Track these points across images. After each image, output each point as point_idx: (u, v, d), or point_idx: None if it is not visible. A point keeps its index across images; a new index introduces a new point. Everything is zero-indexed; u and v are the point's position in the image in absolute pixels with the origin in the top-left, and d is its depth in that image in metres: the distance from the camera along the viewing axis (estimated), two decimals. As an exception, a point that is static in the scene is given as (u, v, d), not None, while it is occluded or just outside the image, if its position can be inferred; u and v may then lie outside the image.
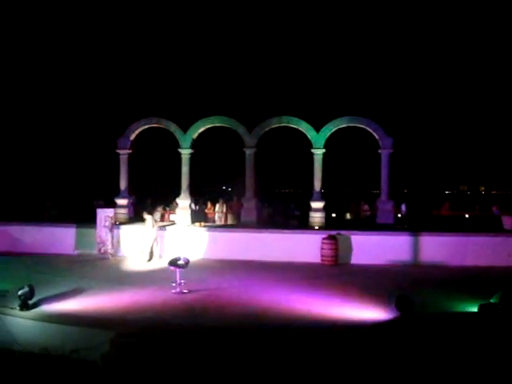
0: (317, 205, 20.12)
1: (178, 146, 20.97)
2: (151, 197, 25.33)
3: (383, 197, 20.43)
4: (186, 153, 20.91)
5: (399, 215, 23.09)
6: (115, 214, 19.42)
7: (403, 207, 24.22)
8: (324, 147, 20.26)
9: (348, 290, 13.51)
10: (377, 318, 10.78)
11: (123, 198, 21.13)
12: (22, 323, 10.37)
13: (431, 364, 8.95)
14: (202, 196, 24.68)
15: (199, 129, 21.12)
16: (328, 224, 20.03)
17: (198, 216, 20.96)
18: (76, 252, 18.82)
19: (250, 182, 20.82)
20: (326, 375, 8.73)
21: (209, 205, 22.64)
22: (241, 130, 20.83)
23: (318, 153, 20.28)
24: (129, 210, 21.26)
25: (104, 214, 18.41)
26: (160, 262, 17.10)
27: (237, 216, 21.29)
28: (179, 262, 13.33)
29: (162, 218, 22.01)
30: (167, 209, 23.08)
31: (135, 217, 21.51)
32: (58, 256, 18.23)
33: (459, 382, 8.60)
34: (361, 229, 18.91)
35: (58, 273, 15.43)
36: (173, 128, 21.06)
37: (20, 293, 10.92)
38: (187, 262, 13.41)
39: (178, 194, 21.06)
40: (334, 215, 24.19)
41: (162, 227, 18.97)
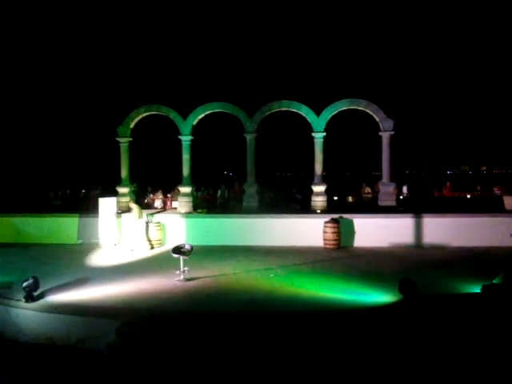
0: (318, 188, 20.11)
1: (179, 133, 20.91)
2: (152, 184, 25.27)
3: (385, 179, 20.38)
4: (186, 139, 20.84)
5: (401, 197, 23.07)
6: (117, 202, 19.44)
7: (405, 189, 24.21)
8: (324, 130, 20.18)
9: (351, 273, 13.57)
10: (380, 301, 10.83)
11: (124, 186, 21.14)
12: (28, 314, 10.44)
13: (435, 346, 9.00)
14: (204, 183, 24.67)
15: (199, 115, 21.03)
16: (330, 207, 20.04)
17: (200, 203, 20.98)
18: (80, 241, 18.89)
19: (251, 167, 20.78)
20: (330, 359, 8.78)
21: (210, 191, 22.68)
22: (241, 115, 20.74)
23: (319, 136, 20.21)
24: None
25: (107, 203, 18.42)
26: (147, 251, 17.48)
27: (239, 201, 21.29)
28: (183, 250, 13.37)
29: (165, 206, 22.02)
30: (169, 196, 23.10)
31: (137, 204, 21.57)
32: (62, 246, 18.31)
33: (462, 363, 8.64)
34: (363, 211, 18.91)
35: (62, 263, 15.50)
36: (172, 115, 20.98)
37: (25, 284, 10.96)
38: (190, 250, 13.45)
39: (179, 181, 21.05)
40: (335, 198, 24.16)
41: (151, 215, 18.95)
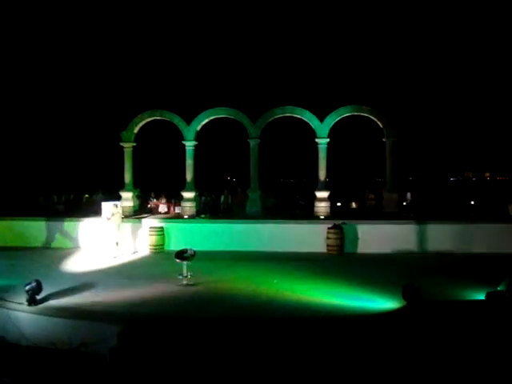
0: (322, 194, 20.09)
1: (182, 139, 20.94)
2: (155, 189, 25.28)
3: (388, 185, 20.36)
4: (190, 145, 20.88)
5: (404, 203, 23.02)
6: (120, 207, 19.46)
7: (408, 195, 24.15)
8: (328, 136, 20.18)
9: (354, 279, 13.50)
10: (383, 307, 10.78)
11: (128, 191, 21.16)
12: (30, 318, 10.41)
13: (439, 352, 8.94)
14: (207, 188, 24.66)
15: (203, 120, 21.07)
16: (333, 213, 20.01)
17: (203, 208, 20.99)
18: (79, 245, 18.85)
19: (254, 172, 20.79)
20: (334, 365, 8.74)
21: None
22: (244, 120, 20.77)
23: (322, 142, 20.22)
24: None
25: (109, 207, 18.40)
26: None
27: (242, 207, 21.27)
28: (185, 255, 13.34)
29: (168, 211, 22.03)
30: (172, 201, 23.11)
31: (140, 209, 21.65)
32: (65, 250, 18.33)
33: (467, 370, 8.59)
34: (366, 218, 18.87)
35: (64, 267, 15.50)
36: (176, 120, 21.03)
37: (27, 288, 10.95)
38: (193, 255, 13.42)
39: (182, 187, 21.05)
40: (339, 204, 24.14)
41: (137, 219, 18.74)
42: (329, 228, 17.60)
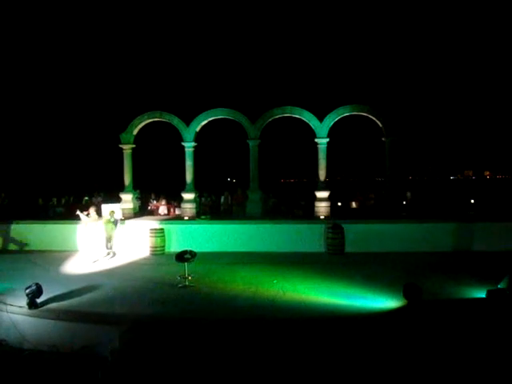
0: (322, 194, 20.07)
1: (182, 140, 20.93)
2: (155, 191, 25.27)
3: (388, 184, 20.36)
4: (189, 146, 20.86)
5: (404, 202, 22.99)
6: (120, 209, 19.49)
7: (408, 194, 24.11)
8: (327, 136, 20.18)
9: (355, 278, 13.51)
10: (385, 306, 10.77)
11: (128, 192, 21.16)
12: (31, 321, 10.42)
13: (440, 351, 8.94)
14: (207, 189, 24.65)
15: (202, 121, 21.06)
16: (333, 213, 19.99)
17: (203, 209, 20.99)
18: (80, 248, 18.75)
19: (254, 173, 20.77)
20: (336, 364, 8.73)
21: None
22: (244, 121, 20.76)
23: (322, 142, 20.20)
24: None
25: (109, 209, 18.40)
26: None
27: (242, 208, 21.25)
28: (186, 256, 13.34)
29: (168, 212, 22.01)
30: (172, 203, 23.09)
31: (140, 211, 21.65)
32: (65, 253, 18.30)
33: (468, 368, 8.58)
34: (366, 217, 18.87)
35: (63, 269, 15.50)
36: (175, 121, 21.01)
37: (28, 291, 10.95)
38: (194, 256, 13.42)
39: (182, 188, 21.04)
40: (339, 204, 24.11)
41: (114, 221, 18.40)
42: (329, 228, 17.61)
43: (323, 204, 19.88)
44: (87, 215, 16.86)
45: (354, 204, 24.59)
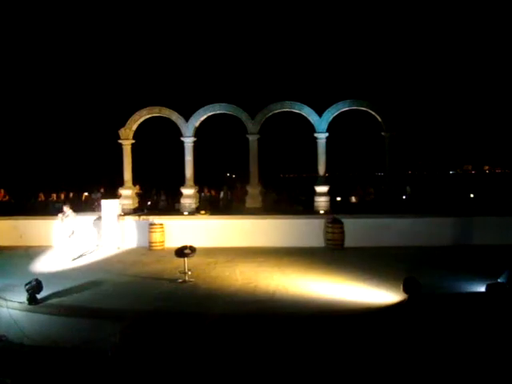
0: (321, 189, 20.06)
1: (181, 135, 20.90)
2: (155, 186, 25.31)
3: (387, 179, 20.35)
4: (188, 141, 20.84)
5: (404, 197, 23.01)
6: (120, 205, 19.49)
7: (408, 189, 24.14)
8: (327, 131, 20.15)
9: (354, 273, 13.52)
10: (384, 301, 10.79)
11: (127, 188, 21.14)
12: (31, 317, 10.43)
13: (441, 345, 8.95)
14: (207, 184, 24.65)
15: (201, 117, 21.03)
16: (333, 208, 19.99)
17: (203, 204, 20.99)
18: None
19: (253, 168, 20.76)
20: (335, 360, 8.74)
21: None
22: (243, 116, 20.73)
23: (321, 137, 20.18)
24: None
25: (110, 206, 18.40)
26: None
27: (241, 202, 21.25)
28: (186, 251, 13.35)
29: (168, 207, 21.98)
30: (172, 198, 23.08)
31: (140, 206, 21.64)
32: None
33: (467, 362, 8.59)
34: (366, 212, 18.87)
35: (65, 265, 15.51)
36: (175, 117, 20.98)
37: (27, 287, 10.96)
38: (194, 251, 13.43)
39: (182, 183, 21.03)
40: (338, 199, 24.12)
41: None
42: (328, 222, 17.61)
43: (323, 199, 19.87)
44: (63, 214, 16.43)
45: (353, 199, 24.64)
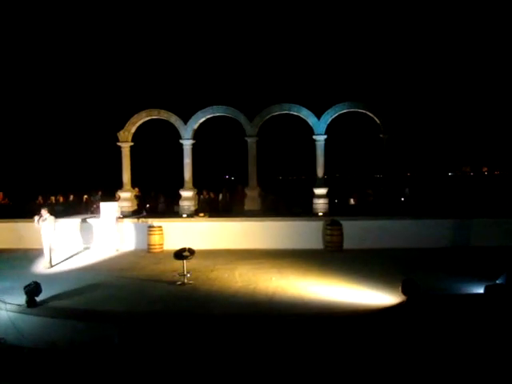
0: (320, 191, 20.07)
1: (180, 137, 20.92)
2: (154, 189, 25.28)
3: (386, 181, 20.37)
4: (187, 144, 20.87)
5: (402, 199, 23.04)
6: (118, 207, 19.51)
7: (406, 191, 24.19)
8: (325, 133, 20.18)
9: (353, 275, 13.52)
10: (383, 303, 10.79)
11: (126, 190, 21.15)
12: (30, 320, 10.41)
13: (439, 347, 8.97)
14: (205, 186, 24.63)
15: (200, 119, 21.06)
16: (331, 210, 20.00)
17: (201, 206, 20.99)
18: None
19: (252, 170, 20.79)
20: (333, 361, 8.75)
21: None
22: (242, 118, 20.75)
23: (320, 139, 20.21)
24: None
25: (109, 208, 18.41)
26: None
27: (240, 205, 21.26)
28: (184, 253, 13.35)
29: (167, 210, 21.98)
30: (171, 200, 23.05)
31: (139, 209, 21.64)
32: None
33: (466, 363, 8.61)
34: (365, 214, 18.88)
35: (64, 267, 15.50)
36: (173, 119, 21.00)
37: (26, 289, 10.96)
38: (192, 253, 13.43)
39: (181, 185, 21.04)
40: (337, 201, 24.14)
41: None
42: (327, 224, 17.62)
43: (321, 201, 19.88)
44: (40, 217, 16.21)
45: (352, 201, 24.69)
